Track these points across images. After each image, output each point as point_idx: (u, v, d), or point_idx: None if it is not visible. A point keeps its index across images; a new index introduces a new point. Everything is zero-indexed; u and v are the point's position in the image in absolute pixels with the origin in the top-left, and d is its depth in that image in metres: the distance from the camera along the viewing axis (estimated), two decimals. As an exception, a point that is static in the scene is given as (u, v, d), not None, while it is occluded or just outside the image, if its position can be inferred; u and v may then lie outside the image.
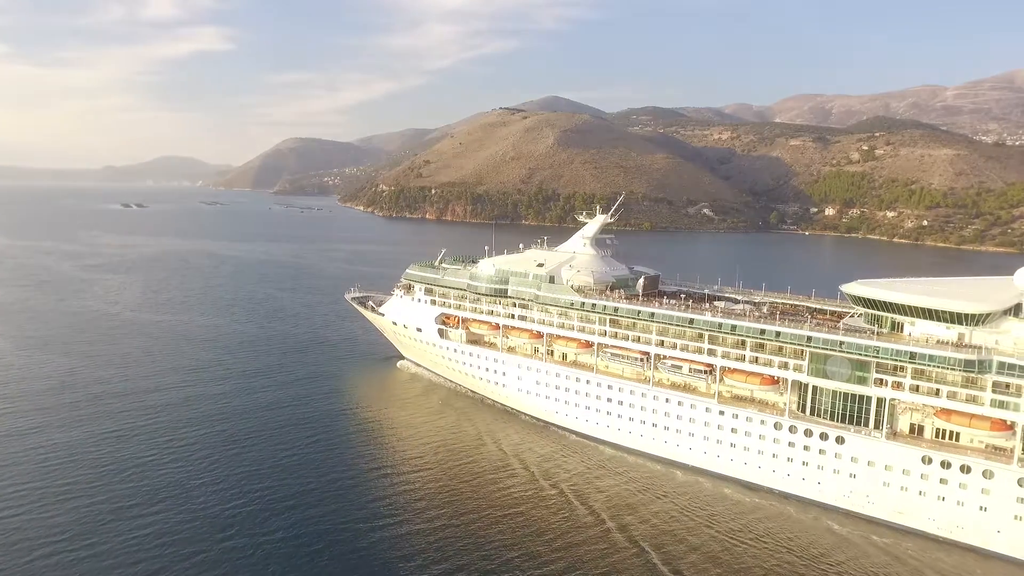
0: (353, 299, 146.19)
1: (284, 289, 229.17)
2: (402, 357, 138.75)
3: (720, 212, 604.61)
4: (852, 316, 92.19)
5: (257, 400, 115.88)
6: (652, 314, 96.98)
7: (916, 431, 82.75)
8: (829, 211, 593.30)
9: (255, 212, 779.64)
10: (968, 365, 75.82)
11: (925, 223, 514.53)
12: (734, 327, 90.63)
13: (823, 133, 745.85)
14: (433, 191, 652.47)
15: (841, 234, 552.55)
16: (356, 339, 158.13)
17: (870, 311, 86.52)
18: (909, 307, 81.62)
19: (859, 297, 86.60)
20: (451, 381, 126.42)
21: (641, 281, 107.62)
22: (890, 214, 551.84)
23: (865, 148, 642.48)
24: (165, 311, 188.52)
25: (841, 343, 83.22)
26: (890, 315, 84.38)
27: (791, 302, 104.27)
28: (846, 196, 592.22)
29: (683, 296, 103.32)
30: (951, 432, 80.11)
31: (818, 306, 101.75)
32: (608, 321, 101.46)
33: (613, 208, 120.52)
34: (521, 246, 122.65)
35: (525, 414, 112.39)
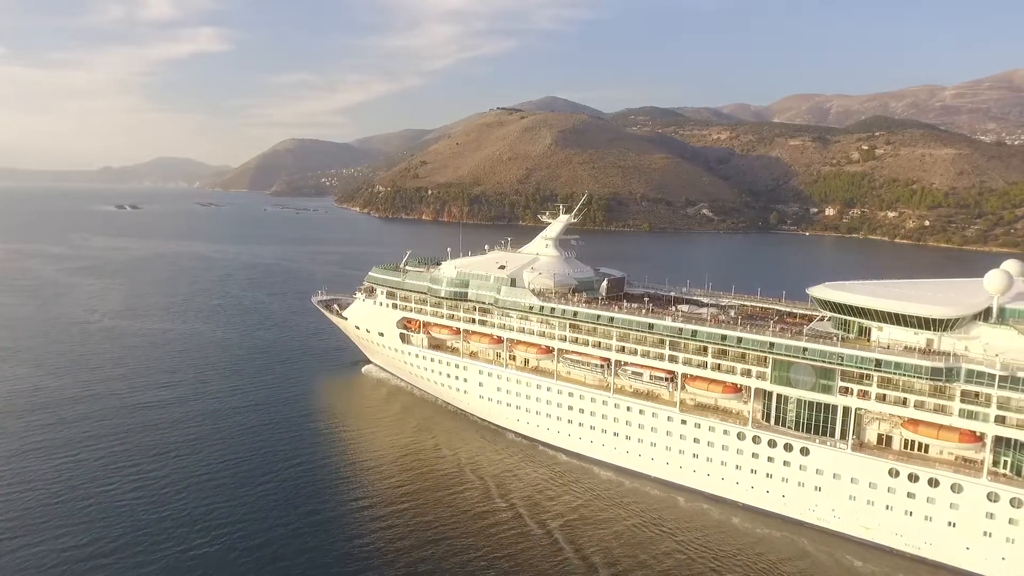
0: (319, 302, 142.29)
1: (273, 294, 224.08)
2: (369, 361, 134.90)
3: (719, 212, 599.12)
4: (819, 320, 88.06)
5: (221, 409, 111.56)
6: (611, 319, 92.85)
7: (884, 442, 78.80)
8: (829, 211, 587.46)
9: (250, 213, 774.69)
10: (935, 373, 71.69)
11: (927, 223, 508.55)
12: (695, 332, 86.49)
13: (822, 133, 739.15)
14: (430, 192, 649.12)
15: (842, 235, 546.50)
16: (332, 344, 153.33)
17: (837, 315, 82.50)
18: (875, 311, 77.52)
19: (826, 301, 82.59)
20: (415, 386, 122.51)
21: (605, 283, 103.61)
22: (891, 214, 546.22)
23: (865, 148, 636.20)
24: (146, 318, 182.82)
25: (804, 350, 79.08)
26: (857, 320, 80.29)
27: (760, 305, 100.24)
28: (846, 196, 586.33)
29: (646, 299, 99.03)
30: (920, 443, 76.01)
31: (787, 309, 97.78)
32: (568, 326, 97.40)
33: (576, 208, 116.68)
34: (487, 247, 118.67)
35: (486, 421, 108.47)
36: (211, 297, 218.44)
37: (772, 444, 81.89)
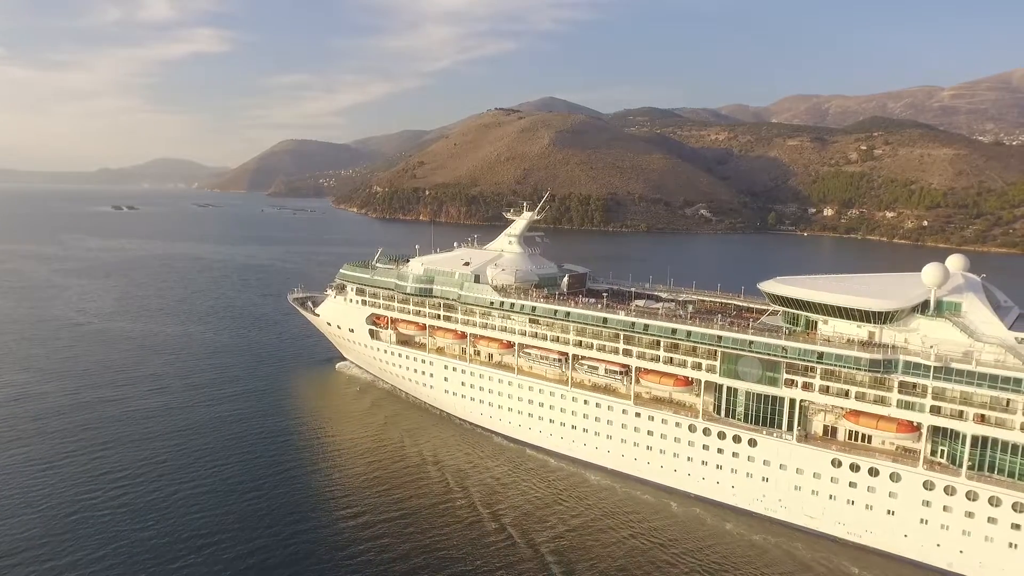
0: (294, 300, 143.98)
1: (267, 295, 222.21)
2: (343, 358, 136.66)
3: (718, 213, 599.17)
4: (770, 314, 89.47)
5: (202, 407, 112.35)
6: (568, 314, 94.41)
7: (830, 433, 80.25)
8: (828, 212, 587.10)
9: (247, 214, 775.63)
10: (874, 365, 73.21)
11: (925, 223, 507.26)
12: (647, 327, 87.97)
13: (821, 133, 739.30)
14: (427, 192, 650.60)
15: (840, 235, 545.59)
16: (318, 343, 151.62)
17: (787, 310, 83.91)
18: (820, 305, 78.94)
19: (775, 295, 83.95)
20: (385, 382, 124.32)
21: (566, 279, 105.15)
22: (889, 214, 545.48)
23: (864, 148, 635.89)
24: (137, 320, 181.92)
25: (750, 343, 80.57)
26: (804, 313, 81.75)
27: (719, 300, 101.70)
28: (845, 196, 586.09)
29: (605, 295, 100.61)
30: (863, 434, 77.43)
31: (745, 304, 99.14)
32: (527, 321, 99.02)
33: (539, 205, 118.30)
34: (456, 244, 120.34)
35: (452, 415, 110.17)
36: (205, 298, 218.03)
37: (722, 436, 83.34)
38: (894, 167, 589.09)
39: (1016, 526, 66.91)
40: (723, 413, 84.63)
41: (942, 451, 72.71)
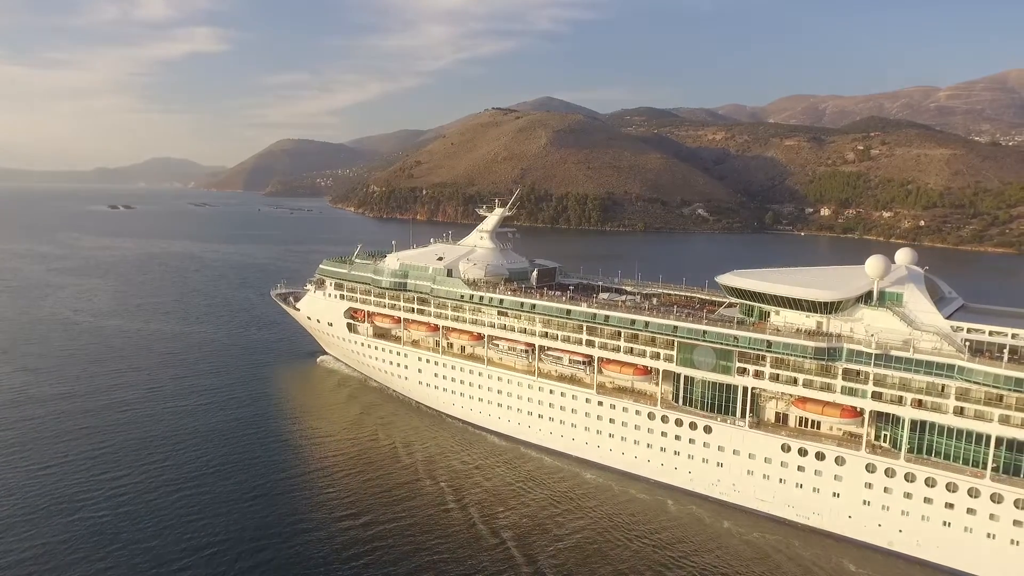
0: (277, 295, 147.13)
1: (264, 294, 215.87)
2: (324, 352, 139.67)
3: (715, 213, 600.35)
4: (727, 306, 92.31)
5: (189, 402, 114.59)
6: (534, 306, 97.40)
7: (781, 420, 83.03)
8: (825, 211, 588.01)
9: (244, 214, 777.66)
10: (819, 353, 76.12)
11: (922, 223, 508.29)
12: (607, 318, 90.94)
13: (818, 133, 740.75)
14: (424, 192, 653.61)
15: (837, 235, 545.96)
16: (305, 338, 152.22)
17: (743, 301, 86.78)
18: (771, 296, 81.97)
19: (730, 287, 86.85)
20: (363, 375, 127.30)
21: (535, 273, 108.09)
22: (886, 214, 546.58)
23: (860, 148, 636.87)
24: (133, 319, 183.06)
25: (704, 332, 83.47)
26: (757, 304, 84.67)
27: (683, 293, 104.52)
28: (842, 196, 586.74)
29: (571, 288, 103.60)
30: (812, 420, 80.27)
31: (708, 298, 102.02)
32: (496, 313, 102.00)
33: (511, 201, 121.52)
34: (433, 240, 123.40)
35: (425, 406, 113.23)
36: (202, 297, 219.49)
37: (679, 423, 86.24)
38: (891, 167, 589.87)
39: (950, 505, 69.72)
40: (680, 401, 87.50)
41: (885, 435, 75.55)
